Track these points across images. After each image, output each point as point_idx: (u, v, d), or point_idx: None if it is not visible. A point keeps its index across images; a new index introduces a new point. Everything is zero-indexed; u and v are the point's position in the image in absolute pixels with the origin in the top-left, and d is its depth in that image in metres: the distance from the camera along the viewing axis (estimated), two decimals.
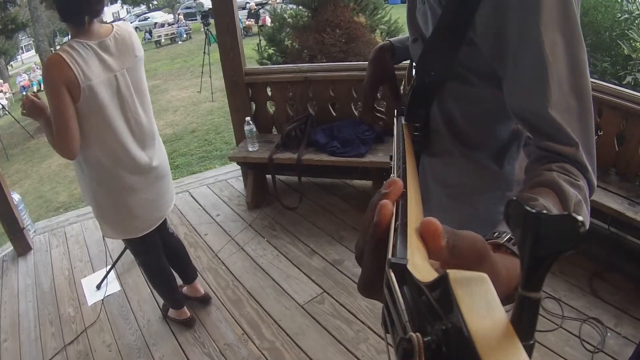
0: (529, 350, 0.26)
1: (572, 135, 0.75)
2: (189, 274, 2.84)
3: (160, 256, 2.55)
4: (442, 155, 1.14)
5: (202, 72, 11.90)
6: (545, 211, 0.27)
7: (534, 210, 0.27)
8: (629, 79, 3.78)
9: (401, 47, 1.25)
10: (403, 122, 1.07)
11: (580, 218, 0.26)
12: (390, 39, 1.28)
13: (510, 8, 0.78)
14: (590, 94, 0.78)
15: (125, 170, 2.14)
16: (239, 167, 4.25)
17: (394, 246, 0.40)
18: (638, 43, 3.84)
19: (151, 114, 2.27)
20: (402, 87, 1.49)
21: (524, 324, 0.27)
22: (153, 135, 2.28)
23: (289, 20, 5.08)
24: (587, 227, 0.68)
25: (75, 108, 1.90)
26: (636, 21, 3.98)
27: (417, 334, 0.27)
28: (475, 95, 1.00)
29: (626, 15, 4.06)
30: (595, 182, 0.77)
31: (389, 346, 0.35)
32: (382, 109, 1.34)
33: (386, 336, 0.36)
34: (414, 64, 1.11)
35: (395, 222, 0.43)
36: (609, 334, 2.38)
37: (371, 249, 0.44)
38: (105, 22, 2.09)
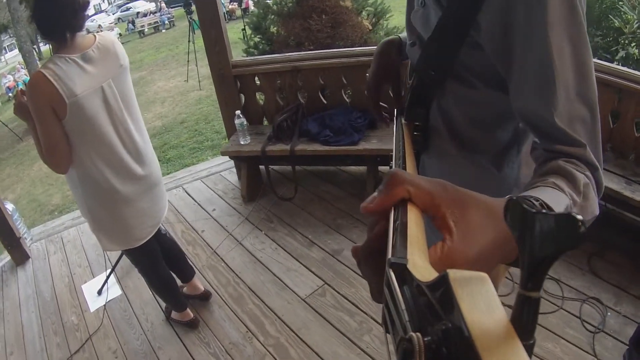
0: (529, 349, 0.26)
1: (579, 138, 0.76)
2: (186, 271, 2.83)
3: (160, 262, 2.54)
4: (442, 156, 1.13)
5: (187, 61, 11.78)
6: (545, 211, 0.27)
7: (533, 210, 0.28)
8: (622, 53, 3.75)
9: None
10: (403, 121, 1.06)
11: (580, 217, 0.26)
12: (399, 35, 1.25)
13: (515, 10, 0.77)
14: (596, 98, 0.78)
15: (119, 181, 2.11)
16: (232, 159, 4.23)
17: (394, 246, 0.40)
18: (629, 16, 3.81)
19: (142, 126, 2.23)
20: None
21: (524, 323, 0.27)
22: (145, 147, 2.24)
23: (273, 7, 5.01)
24: (597, 213, 0.71)
25: (63, 124, 1.87)
26: None
27: (418, 333, 0.27)
28: (476, 98, 0.99)
29: None
30: (603, 182, 0.77)
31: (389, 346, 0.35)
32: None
33: (386, 335, 0.36)
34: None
35: (395, 222, 0.44)
36: (609, 314, 2.40)
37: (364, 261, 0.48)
38: (88, 32, 2.04)
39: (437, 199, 0.45)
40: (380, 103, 1.28)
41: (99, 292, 3.15)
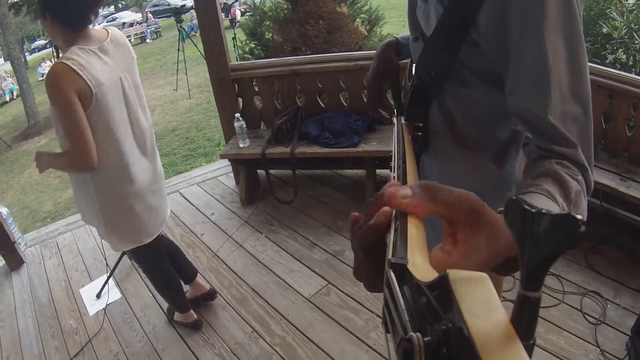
0: (529, 350, 0.26)
1: (571, 138, 0.77)
2: (188, 270, 2.79)
3: (165, 260, 2.52)
4: (442, 156, 1.14)
5: (177, 70, 11.75)
6: (544, 210, 0.27)
7: (533, 210, 0.27)
8: (610, 58, 3.84)
9: (406, 43, 1.25)
10: (403, 121, 1.07)
11: (579, 217, 0.26)
12: (396, 36, 1.27)
13: (513, 10, 0.78)
14: (590, 98, 0.79)
15: (131, 174, 2.10)
16: (228, 163, 4.24)
17: (394, 246, 0.40)
18: (617, 22, 3.90)
19: (148, 114, 2.24)
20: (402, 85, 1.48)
21: (524, 323, 0.27)
22: (152, 136, 2.26)
23: (269, 13, 5.03)
24: (585, 218, 0.70)
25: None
26: (614, 1, 4.03)
27: (418, 333, 0.27)
28: (476, 97, 1.00)
29: None
30: (592, 182, 0.78)
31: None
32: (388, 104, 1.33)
33: (386, 336, 0.36)
34: (414, 63, 1.10)
35: (395, 222, 0.44)
36: (609, 306, 2.46)
37: (362, 252, 0.48)
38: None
39: (457, 216, 0.44)
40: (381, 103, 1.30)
41: (98, 296, 3.11)
